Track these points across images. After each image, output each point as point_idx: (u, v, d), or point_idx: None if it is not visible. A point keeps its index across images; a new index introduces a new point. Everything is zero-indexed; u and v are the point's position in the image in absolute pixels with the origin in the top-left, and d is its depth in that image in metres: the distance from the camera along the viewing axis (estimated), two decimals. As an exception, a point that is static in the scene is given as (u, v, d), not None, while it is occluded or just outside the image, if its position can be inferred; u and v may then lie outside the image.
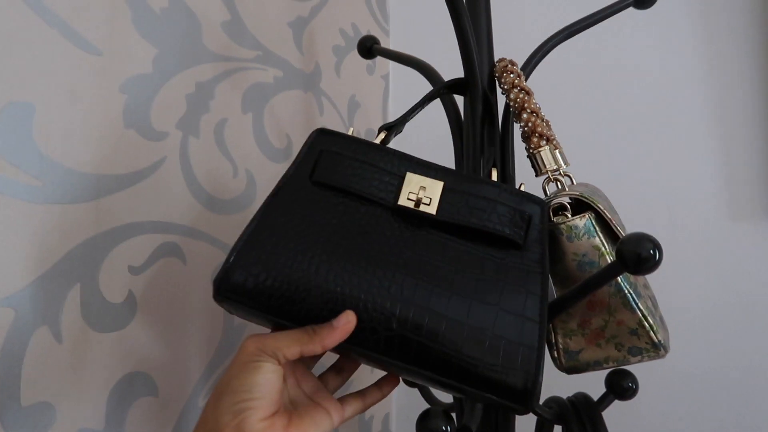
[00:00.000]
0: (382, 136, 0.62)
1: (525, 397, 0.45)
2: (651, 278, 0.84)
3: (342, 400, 0.52)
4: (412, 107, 0.66)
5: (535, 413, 0.66)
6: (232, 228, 0.78)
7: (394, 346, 0.46)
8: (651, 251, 0.47)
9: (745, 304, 0.92)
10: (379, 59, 1.20)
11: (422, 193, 0.52)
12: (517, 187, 0.58)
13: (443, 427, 0.51)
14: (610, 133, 1.03)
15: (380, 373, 0.55)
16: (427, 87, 0.73)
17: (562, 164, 0.62)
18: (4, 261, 0.52)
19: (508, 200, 0.53)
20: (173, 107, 0.70)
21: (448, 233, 0.52)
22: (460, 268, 0.50)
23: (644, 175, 1.00)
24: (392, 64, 1.26)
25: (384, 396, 0.55)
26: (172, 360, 0.68)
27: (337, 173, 0.53)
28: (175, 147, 0.70)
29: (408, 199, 0.52)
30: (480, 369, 0.46)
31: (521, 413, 0.48)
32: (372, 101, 1.16)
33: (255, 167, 0.83)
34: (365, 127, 1.12)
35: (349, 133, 0.58)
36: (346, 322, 0.45)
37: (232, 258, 0.48)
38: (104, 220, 0.61)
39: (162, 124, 0.69)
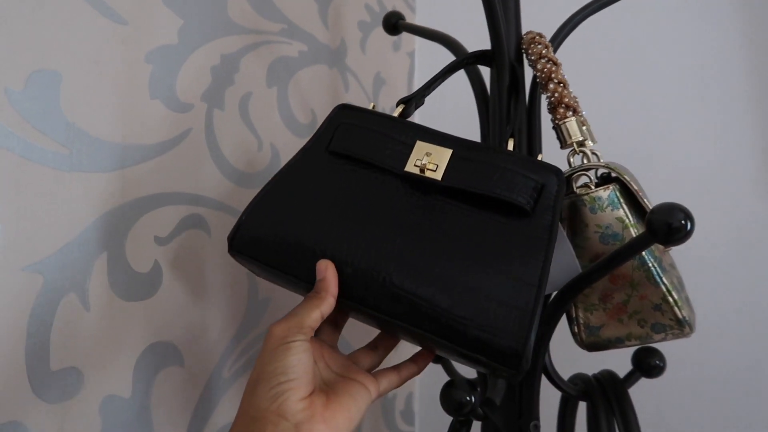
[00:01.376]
0: (400, 109, 0.62)
1: (514, 360, 0.44)
2: (681, 261, 0.81)
3: (377, 374, 0.52)
4: (433, 77, 0.65)
5: (559, 389, 0.65)
6: (257, 202, 0.78)
7: (385, 302, 0.48)
8: (682, 221, 0.45)
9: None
10: (404, 36, 1.19)
11: (429, 159, 0.53)
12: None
13: (467, 397, 0.51)
14: (640, 111, 1.01)
15: (406, 355, 0.54)
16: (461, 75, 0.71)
17: (588, 136, 0.60)
18: (32, 227, 0.53)
19: (520, 168, 0.51)
20: (198, 79, 0.70)
21: (455, 200, 0.52)
22: (461, 232, 0.50)
23: (675, 156, 0.97)
24: (418, 42, 1.25)
25: (420, 370, 0.55)
26: (197, 331, 0.68)
27: (351, 143, 0.56)
28: (200, 119, 0.70)
29: (415, 165, 0.53)
30: (470, 329, 0.45)
31: (513, 379, 0.47)
32: (397, 78, 1.15)
33: (279, 141, 0.83)
34: (390, 104, 1.11)
35: (370, 107, 0.60)
36: (326, 267, 0.48)
37: (243, 217, 0.54)
38: (130, 189, 0.61)
39: (187, 95, 0.69)
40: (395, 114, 0.62)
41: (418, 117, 1.18)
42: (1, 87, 0.51)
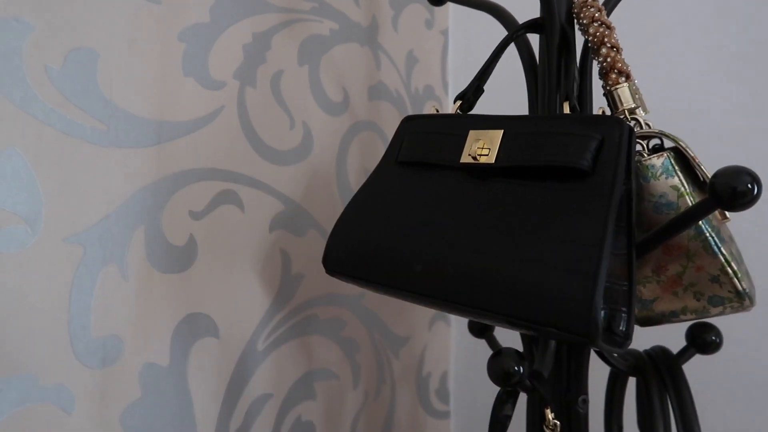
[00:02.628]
0: (458, 104, 0.63)
1: (581, 327, 0.43)
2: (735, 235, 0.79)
3: None
4: (487, 61, 0.64)
5: (609, 364, 0.64)
6: (289, 179, 0.79)
7: (453, 291, 0.48)
8: (749, 185, 0.43)
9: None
10: (438, 14, 1.18)
11: (481, 145, 0.53)
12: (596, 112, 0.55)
13: (515, 367, 0.50)
14: (693, 81, 0.97)
15: (440, 332, 0.54)
16: (488, 42, 0.70)
17: (641, 105, 0.58)
18: (72, 200, 0.55)
19: (575, 128, 0.49)
20: (230, 57, 0.71)
21: (513, 178, 0.51)
22: (522, 208, 0.49)
23: (727, 129, 0.94)
24: (452, 19, 1.23)
25: None
26: (231, 304, 0.70)
27: (414, 149, 0.58)
28: (232, 96, 0.71)
29: (468, 155, 0.53)
30: (535, 302, 0.45)
31: (588, 346, 0.46)
32: (431, 57, 1.14)
33: (311, 120, 0.83)
34: (423, 83, 1.11)
35: (432, 111, 0.62)
36: None
37: (330, 239, 0.58)
38: (166, 165, 0.63)
39: (220, 73, 0.70)
40: (453, 110, 0.63)
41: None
42: (41, 65, 0.53)
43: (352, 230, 0.58)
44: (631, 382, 0.68)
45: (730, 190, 0.43)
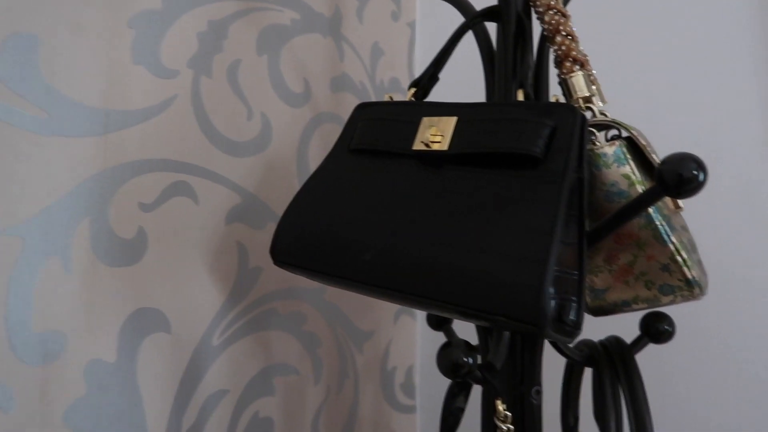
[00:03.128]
0: (412, 92, 0.63)
1: (533, 316, 0.42)
2: (692, 227, 0.79)
3: None
4: (443, 48, 0.64)
5: (563, 355, 0.64)
6: (247, 170, 0.77)
7: (402, 280, 0.48)
8: (694, 171, 0.43)
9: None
10: (405, 6, 1.17)
11: (434, 132, 0.52)
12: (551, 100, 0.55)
13: (464, 358, 0.49)
14: (645, 70, 0.98)
15: (405, 326, 0.53)
16: (468, 39, 0.69)
17: (598, 95, 0.58)
18: (11, 190, 0.53)
19: (529, 116, 0.49)
20: (184, 45, 0.69)
21: (466, 165, 0.51)
22: (474, 196, 0.49)
23: (679, 117, 0.95)
24: (419, 12, 1.22)
25: None
26: (184, 298, 0.68)
27: (367, 136, 0.57)
28: (186, 86, 0.69)
29: (421, 142, 0.53)
30: (485, 290, 0.44)
31: (538, 336, 0.46)
32: (397, 49, 1.13)
33: (271, 111, 0.82)
34: (389, 75, 1.10)
35: (386, 98, 0.61)
36: None
37: (277, 229, 0.57)
38: (113, 155, 0.61)
39: (172, 61, 0.68)
40: (408, 98, 0.62)
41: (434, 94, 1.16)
42: (-24, 48, 0.51)
43: (301, 219, 0.56)
44: (589, 373, 0.68)
45: (677, 176, 0.43)
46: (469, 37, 0.69)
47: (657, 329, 0.63)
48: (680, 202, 0.56)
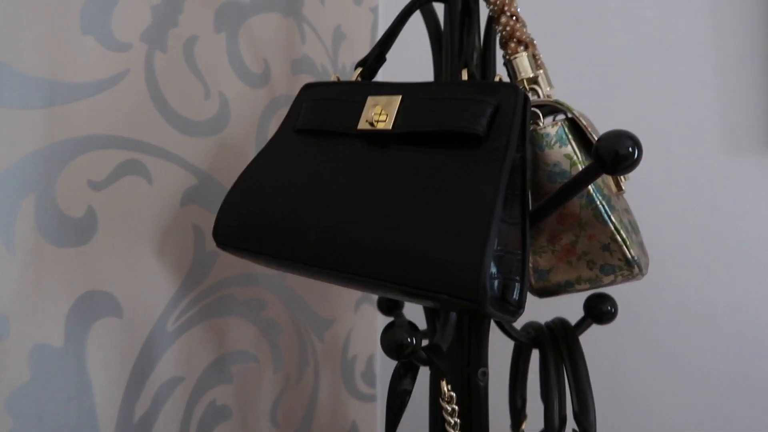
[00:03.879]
0: (358, 71, 0.62)
1: (473, 292, 0.42)
2: (645, 215, 0.81)
3: None
4: (388, 29, 0.63)
5: (510, 337, 0.64)
6: (204, 151, 0.75)
7: (345, 260, 0.47)
8: (630, 149, 0.44)
9: (739, 242, 0.90)
10: (367, -9, 1.15)
11: (378, 111, 0.52)
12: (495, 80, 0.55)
13: (408, 339, 0.49)
14: (600, 62, 0.99)
15: (366, 314, 0.52)
16: (418, 21, 0.69)
17: (544, 79, 0.59)
18: (-54, 162, 0.49)
19: (471, 94, 0.49)
20: (137, 17, 0.66)
21: (410, 144, 0.51)
22: (418, 175, 0.49)
23: (637, 110, 0.96)
24: (382, -2, 1.21)
25: None
26: (137, 282, 0.65)
27: (312, 116, 0.57)
28: (139, 60, 0.67)
29: (366, 121, 0.52)
30: (425, 269, 0.44)
31: (479, 313, 0.45)
32: (359, 34, 1.12)
33: (229, 90, 0.79)
34: (351, 59, 1.08)
35: (333, 79, 0.61)
36: None
37: (219, 211, 0.56)
38: (60, 129, 0.58)
39: (124, 34, 0.65)
40: (354, 78, 0.62)
41: (382, 75, 1.15)
42: None
43: (244, 200, 0.56)
44: (537, 355, 0.68)
45: (613, 153, 0.44)
46: (420, 18, 0.68)
47: (600, 310, 0.65)
48: (622, 184, 0.57)
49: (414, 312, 0.83)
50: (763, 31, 0.89)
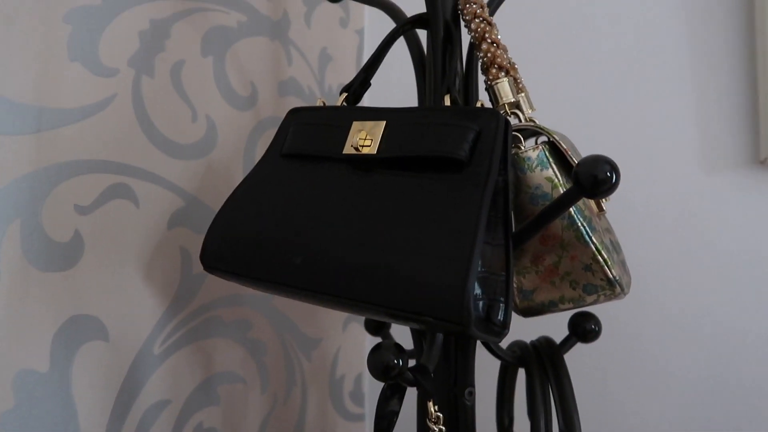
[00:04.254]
0: (343, 97, 0.64)
1: (457, 314, 0.43)
2: (626, 236, 0.82)
3: None
4: (373, 55, 0.65)
5: (496, 356, 0.65)
6: (191, 174, 0.75)
7: (332, 283, 0.48)
8: (608, 173, 0.45)
9: (719, 258, 0.91)
10: (353, 13, 1.17)
11: (363, 136, 0.53)
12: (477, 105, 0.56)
13: (394, 360, 0.50)
14: (581, 83, 1.01)
15: (354, 333, 0.53)
16: (404, 43, 0.70)
17: (526, 102, 0.60)
18: (-68, 189, 0.50)
19: (455, 120, 0.50)
20: (124, 43, 0.67)
21: (394, 169, 0.52)
22: (402, 199, 0.50)
23: (617, 129, 0.98)
24: (367, 19, 1.23)
25: None
26: (124, 305, 0.65)
27: (298, 141, 0.58)
28: (126, 85, 0.67)
29: (351, 146, 0.53)
30: (410, 290, 0.45)
31: (464, 335, 0.46)
32: (345, 56, 1.13)
33: (216, 113, 0.80)
34: (337, 81, 1.09)
35: (318, 104, 0.62)
36: None
37: (207, 234, 0.57)
38: (47, 154, 0.58)
39: (112, 59, 0.66)
40: (339, 103, 0.63)
41: (367, 100, 1.17)
42: None
43: (231, 224, 0.56)
44: (523, 374, 0.69)
45: (592, 178, 0.45)
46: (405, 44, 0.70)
47: (584, 329, 0.66)
48: (603, 205, 0.58)
49: (401, 332, 0.83)
50: (741, 49, 0.92)
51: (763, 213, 0.89)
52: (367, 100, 1.16)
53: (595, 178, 0.45)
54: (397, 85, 1.00)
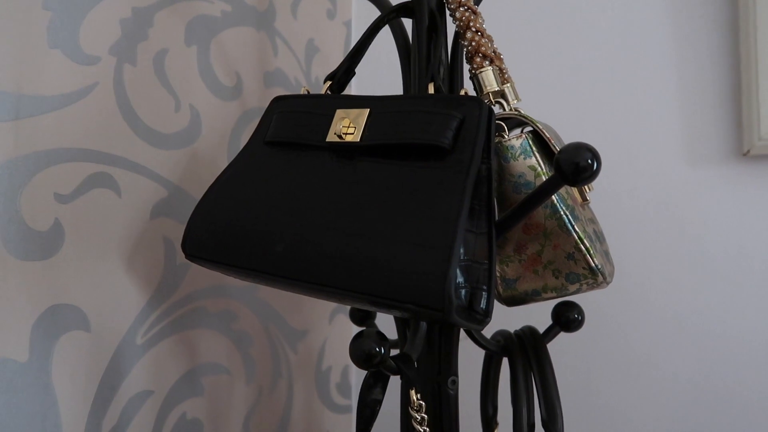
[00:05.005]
0: (327, 85, 0.64)
1: (438, 301, 0.43)
2: (611, 227, 0.83)
3: None
4: (357, 43, 0.65)
5: (480, 345, 0.65)
6: (174, 164, 0.75)
7: (313, 271, 0.48)
8: (589, 160, 0.45)
9: (702, 250, 0.92)
10: (340, 5, 1.16)
11: (346, 124, 0.53)
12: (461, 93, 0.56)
13: (376, 348, 0.50)
14: (565, 75, 1.01)
15: (341, 325, 0.53)
16: (388, 36, 0.70)
17: (511, 92, 0.60)
18: None
19: (438, 108, 0.50)
20: (105, 31, 0.67)
21: (377, 156, 0.52)
22: (384, 187, 0.50)
23: (601, 121, 0.99)
24: (355, 11, 1.22)
25: None
26: (105, 295, 0.65)
27: (281, 129, 0.57)
28: (108, 73, 0.67)
29: (334, 134, 0.54)
30: (392, 278, 0.45)
31: (445, 322, 0.46)
32: (332, 48, 1.13)
33: (200, 103, 0.79)
34: (324, 72, 1.09)
35: (302, 92, 0.62)
36: None
37: (188, 222, 0.57)
38: (26, 142, 0.58)
39: (93, 47, 0.65)
40: (323, 91, 0.63)
41: (354, 90, 1.16)
42: None
43: (213, 212, 0.56)
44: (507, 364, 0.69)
45: (573, 165, 0.45)
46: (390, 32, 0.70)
47: (568, 318, 0.66)
48: (586, 195, 0.59)
49: (386, 324, 0.83)
50: (725, 42, 0.92)
51: (746, 205, 0.90)
52: (354, 90, 1.16)
53: (576, 166, 0.45)
54: (382, 74, 0.99)
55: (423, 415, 0.55)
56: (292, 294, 0.95)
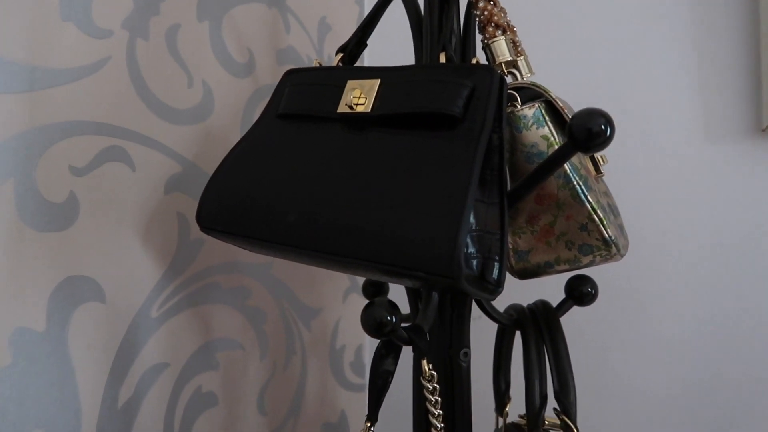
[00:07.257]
0: (338, 57, 0.64)
1: (448, 267, 0.43)
2: (628, 204, 0.81)
3: None
4: (368, 15, 0.64)
5: (492, 319, 0.65)
6: (187, 139, 0.75)
7: (324, 240, 0.48)
8: (602, 126, 0.45)
9: (720, 225, 0.90)
10: (353, -17, 1.16)
11: (358, 94, 0.53)
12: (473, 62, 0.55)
13: (387, 317, 0.49)
14: (582, 50, 1.00)
15: (355, 304, 0.53)
16: (404, 14, 0.69)
17: (524, 66, 0.59)
18: (-75, 145, 0.49)
19: (449, 77, 0.50)
20: (118, 5, 0.67)
21: (388, 127, 0.52)
22: (396, 156, 0.50)
23: (618, 98, 0.97)
24: (368, -10, 1.21)
25: None
26: (120, 268, 0.66)
27: (294, 101, 0.58)
28: (121, 47, 0.67)
29: (345, 104, 0.54)
30: (401, 247, 0.45)
31: (456, 289, 0.46)
32: (345, 26, 1.12)
33: (213, 79, 0.79)
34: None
35: (315, 65, 0.62)
36: None
37: (202, 194, 0.58)
38: (40, 114, 0.58)
39: (105, 21, 0.65)
40: (335, 63, 0.63)
41: (366, 61, 1.16)
42: None
43: (227, 184, 0.57)
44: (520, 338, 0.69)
45: (586, 131, 0.44)
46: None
47: (581, 291, 0.66)
48: (601, 167, 0.58)
49: (398, 297, 0.83)
50: (744, 18, 0.90)
51: (765, 181, 0.88)
52: (366, 63, 1.15)
53: (589, 131, 0.45)
54: (396, 47, 0.98)
55: (435, 385, 0.55)
56: (306, 272, 0.96)
